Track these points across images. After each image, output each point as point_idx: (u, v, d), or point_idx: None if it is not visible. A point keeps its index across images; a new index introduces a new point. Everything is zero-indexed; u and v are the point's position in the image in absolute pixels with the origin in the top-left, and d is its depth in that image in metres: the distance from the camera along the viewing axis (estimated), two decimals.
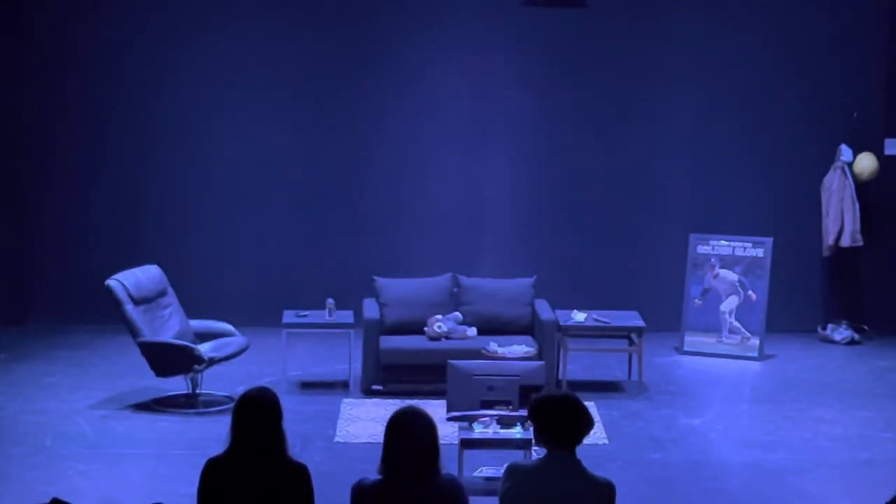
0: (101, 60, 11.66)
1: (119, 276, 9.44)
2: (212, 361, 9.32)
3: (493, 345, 9.59)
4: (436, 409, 8.63)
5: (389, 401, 9.50)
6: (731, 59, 11.85)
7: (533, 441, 5.41)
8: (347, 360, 9.93)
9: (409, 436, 4.88)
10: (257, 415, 5.09)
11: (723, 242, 11.49)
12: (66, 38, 11.62)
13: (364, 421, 9.11)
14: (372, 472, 5.00)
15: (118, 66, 11.66)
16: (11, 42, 11.59)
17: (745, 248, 11.42)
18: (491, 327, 10.02)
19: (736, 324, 11.32)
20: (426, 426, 4.92)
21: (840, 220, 11.72)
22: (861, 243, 11.77)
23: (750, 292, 11.34)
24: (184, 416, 9.21)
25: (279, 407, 5.14)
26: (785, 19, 11.84)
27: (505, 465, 5.15)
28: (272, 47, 11.71)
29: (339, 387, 9.98)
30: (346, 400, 9.63)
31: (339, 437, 8.79)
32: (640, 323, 10.16)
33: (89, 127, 11.72)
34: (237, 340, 9.73)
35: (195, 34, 11.67)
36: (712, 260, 11.48)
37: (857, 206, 11.69)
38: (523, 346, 9.62)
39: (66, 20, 11.62)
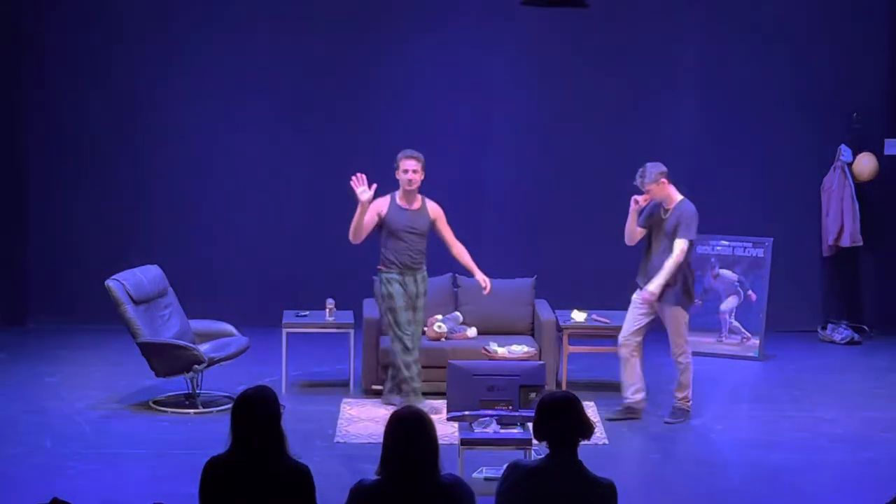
0: (101, 60, 11.66)
1: (119, 276, 9.43)
2: (212, 361, 9.32)
3: (493, 345, 9.59)
4: (436, 409, 8.71)
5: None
6: (731, 60, 11.87)
7: (534, 438, 5.42)
8: (347, 360, 9.93)
9: (409, 437, 4.88)
10: (256, 414, 5.09)
11: (723, 242, 11.50)
12: (67, 37, 11.63)
13: (364, 421, 9.10)
14: (372, 473, 5.00)
15: (118, 66, 11.67)
16: (12, 41, 11.59)
17: (745, 248, 11.43)
18: (491, 327, 10.02)
19: (736, 324, 11.33)
20: (425, 427, 4.92)
21: (840, 220, 11.73)
22: (861, 243, 11.78)
23: (750, 292, 11.34)
24: (184, 416, 9.21)
25: (278, 406, 5.14)
26: (785, 19, 11.85)
27: (506, 465, 5.16)
28: (273, 47, 11.72)
29: (339, 387, 9.98)
30: (346, 400, 9.63)
31: (339, 437, 8.79)
32: None
33: (89, 127, 11.73)
34: (237, 340, 9.73)
35: (195, 33, 11.68)
36: (712, 260, 11.48)
37: (857, 206, 11.70)
38: (523, 346, 9.62)
39: (67, 20, 11.63)
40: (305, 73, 11.77)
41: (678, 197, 9.17)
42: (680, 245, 9.01)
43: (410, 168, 9.18)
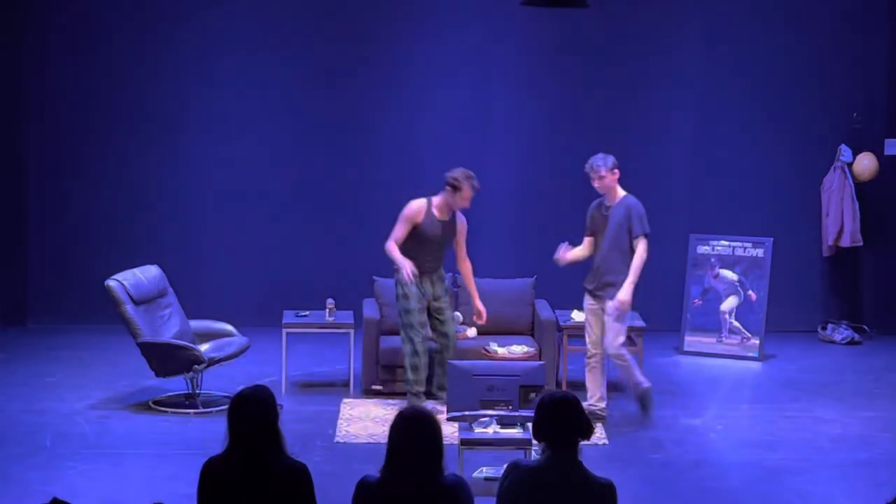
0: (101, 60, 11.66)
1: (119, 276, 9.43)
2: (212, 361, 9.32)
3: (493, 345, 9.59)
4: (437, 409, 8.69)
5: (389, 401, 9.52)
6: (731, 61, 11.86)
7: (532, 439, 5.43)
8: (347, 360, 9.93)
9: (414, 436, 4.88)
10: (253, 414, 5.08)
11: (723, 242, 11.50)
12: (66, 37, 11.62)
13: (364, 421, 9.10)
14: (372, 472, 5.00)
15: (118, 65, 11.66)
16: (11, 42, 11.58)
17: (745, 248, 11.43)
18: (491, 327, 10.01)
19: (736, 324, 11.33)
20: (432, 427, 4.93)
21: (840, 220, 11.72)
22: (861, 243, 11.78)
23: (750, 292, 11.34)
24: (184, 416, 9.21)
25: (275, 405, 5.13)
26: (785, 19, 11.85)
27: (506, 464, 5.16)
28: (272, 47, 11.72)
29: (339, 387, 9.98)
30: (346, 400, 9.63)
31: (339, 437, 8.79)
32: (640, 323, 10.16)
33: (89, 126, 11.72)
34: (237, 340, 9.73)
35: (195, 33, 11.68)
36: (712, 260, 11.48)
37: (857, 206, 11.70)
38: (523, 346, 9.62)
39: (66, 20, 11.62)
40: (305, 74, 11.77)
41: (622, 192, 9.15)
42: (642, 244, 8.99)
43: (469, 198, 9.25)
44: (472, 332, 9.92)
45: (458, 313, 10.05)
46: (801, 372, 10.78)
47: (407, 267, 9.07)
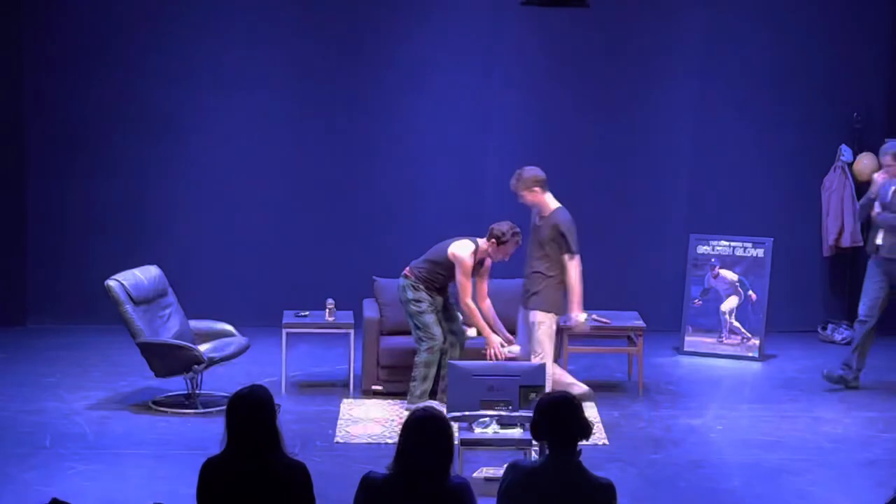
0: (100, 60, 11.65)
1: (119, 276, 9.43)
2: (211, 361, 9.32)
3: None
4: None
5: (389, 401, 9.51)
6: (732, 60, 11.85)
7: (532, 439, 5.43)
8: (347, 360, 9.93)
9: (426, 438, 4.89)
10: (249, 413, 5.09)
11: (723, 242, 11.50)
12: (66, 37, 11.62)
13: (364, 421, 9.10)
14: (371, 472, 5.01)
15: (118, 65, 11.66)
16: (10, 41, 11.58)
17: (745, 248, 11.42)
18: (491, 327, 10.00)
19: (736, 324, 11.32)
20: (445, 431, 4.94)
21: (840, 220, 11.72)
22: (861, 243, 11.77)
23: (750, 292, 11.34)
24: (184, 416, 9.20)
25: (272, 405, 5.14)
26: (786, 19, 11.84)
27: (506, 464, 5.16)
28: (271, 47, 11.71)
29: (339, 387, 9.98)
30: (346, 400, 9.63)
31: (339, 437, 8.79)
32: (640, 323, 10.16)
33: (89, 126, 11.71)
34: (237, 341, 9.73)
35: (195, 33, 11.67)
36: (712, 260, 11.48)
37: (858, 206, 11.69)
38: None
39: (65, 19, 11.62)
40: (306, 74, 11.76)
41: (554, 205, 9.15)
42: (572, 262, 9.00)
43: (510, 254, 9.41)
44: (471, 332, 9.92)
45: (458, 313, 10.05)
46: (801, 372, 10.77)
47: (496, 346, 9.28)
